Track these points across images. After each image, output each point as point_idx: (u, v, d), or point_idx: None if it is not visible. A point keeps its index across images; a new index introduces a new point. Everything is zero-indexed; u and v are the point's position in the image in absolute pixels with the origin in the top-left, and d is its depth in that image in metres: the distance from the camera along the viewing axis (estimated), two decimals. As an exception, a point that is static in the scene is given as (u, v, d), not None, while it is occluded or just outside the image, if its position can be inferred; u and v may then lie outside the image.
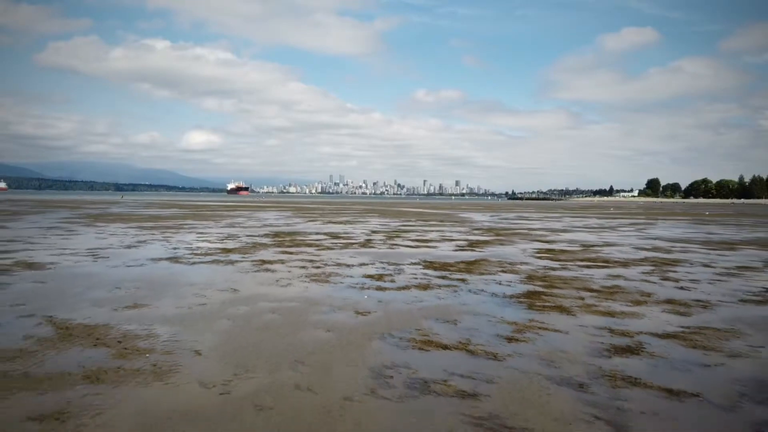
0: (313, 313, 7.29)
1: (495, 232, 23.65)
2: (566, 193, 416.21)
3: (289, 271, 11.00)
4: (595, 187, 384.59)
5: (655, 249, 17.08)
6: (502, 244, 17.91)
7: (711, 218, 44.02)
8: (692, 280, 10.67)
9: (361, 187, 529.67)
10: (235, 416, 3.98)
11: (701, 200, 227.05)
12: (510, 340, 6.16)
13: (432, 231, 23.95)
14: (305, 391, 4.47)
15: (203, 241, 17.57)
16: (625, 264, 13.14)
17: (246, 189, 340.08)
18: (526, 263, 12.97)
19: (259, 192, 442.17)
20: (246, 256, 13.58)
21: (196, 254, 13.82)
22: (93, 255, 13.42)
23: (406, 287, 9.38)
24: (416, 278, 10.41)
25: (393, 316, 7.20)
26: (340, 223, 29.29)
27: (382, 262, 12.67)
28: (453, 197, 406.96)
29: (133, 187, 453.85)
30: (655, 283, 10.31)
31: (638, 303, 8.34)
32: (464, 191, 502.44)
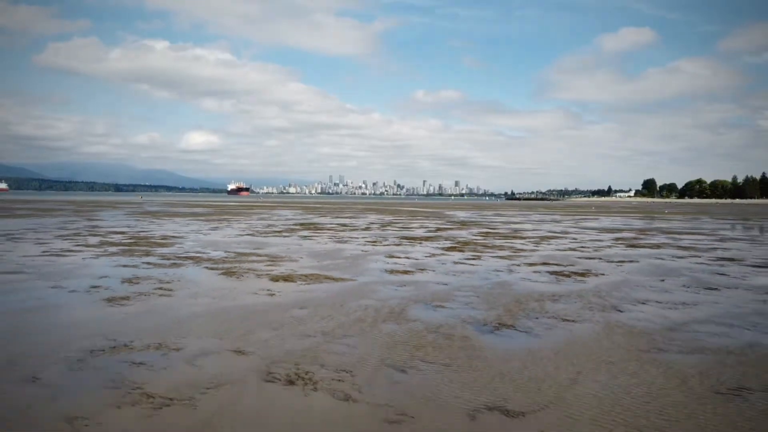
0: (342, 251, 16.05)
1: (461, 224, 32.42)
2: (565, 193, 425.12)
3: (323, 240, 19.78)
4: (595, 188, 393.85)
5: (560, 232, 25.84)
6: (459, 230, 26.69)
7: (652, 214, 52.77)
8: (548, 245, 19.40)
9: (360, 187, 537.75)
10: (326, 268, 12.71)
11: (696, 200, 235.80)
12: (428, 257, 14.92)
13: (415, 223, 32.72)
14: (348, 262, 13.22)
15: (255, 227, 26.32)
16: (524, 238, 21.90)
17: (247, 189, 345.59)
18: (464, 237, 21.74)
19: (258, 192, 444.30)
20: (291, 234, 22.34)
21: (260, 233, 22.56)
22: (198, 233, 22.16)
23: (387, 245, 18.15)
24: (394, 242, 19.19)
25: (378, 251, 15.97)
26: (345, 217, 38.05)
27: (375, 237, 21.43)
28: (452, 197, 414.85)
29: (134, 188, 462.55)
30: (524, 245, 19.06)
31: (501, 249, 17.10)
32: (464, 192, 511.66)
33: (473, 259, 14.59)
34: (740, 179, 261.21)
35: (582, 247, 18.47)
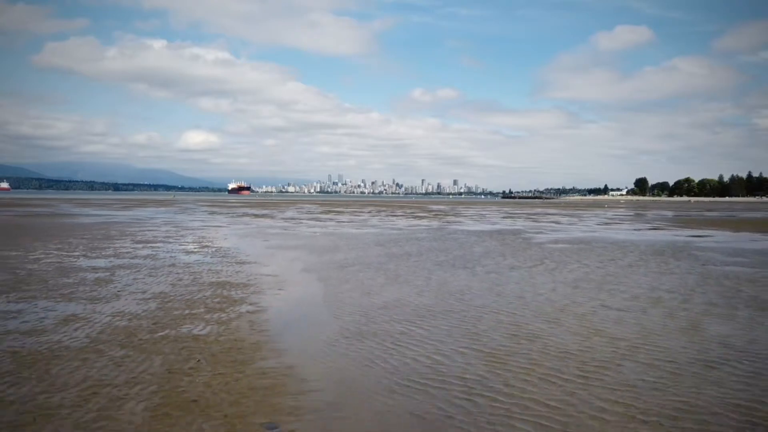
0: (358, 218, 35.68)
1: (434, 213, 52.00)
2: (563, 192, 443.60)
3: (346, 215, 39.45)
4: (593, 186, 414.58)
5: (483, 214, 45.41)
6: (422, 213, 46.26)
7: (590, 208, 72.32)
8: (460, 217, 39.00)
9: (359, 186, 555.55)
10: (353, 221, 32.31)
11: (684, 198, 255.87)
12: (397, 220, 34.58)
13: (399, 211, 52.38)
14: (361, 220, 32.84)
15: (304, 213, 45.87)
16: (454, 216, 41.50)
17: (248, 189, 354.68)
18: (420, 215, 41.37)
19: (257, 192, 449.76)
20: (329, 213, 41.95)
21: (312, 213, 42.08)
22: (283, 213, 41.71)
23: (380, 219, 37.83)
24: (385, 218, 38.88)
25: (375, 218, 35.63)
26: (354, 208, 57.66)
27: (373, 216, 41.08)
28: (450, 196, 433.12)
29: (133, 187, 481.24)
30: (449, 217, 38.67)
31: (432, 219, 36.74)
32: (462, 190, 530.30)
33: (416, 220, 34.24)
34: (722, 178, 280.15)
35: (481, 217, 38.12)
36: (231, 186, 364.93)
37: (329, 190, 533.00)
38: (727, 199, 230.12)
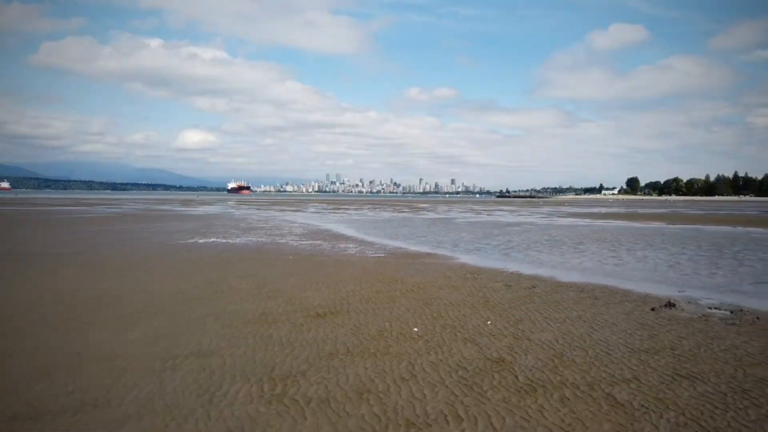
0: (359, 211, 56.48)
1: (416, 209, 72.77)
2: (559, 191, 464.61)
3: (351, 210, 60.29)
4: (589, 185, 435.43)
5: (456, 210, 66.25)
6: (405, 208, 67.11)
7: (556, 206, 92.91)
8: (431, 212, 59.84)
9: (357, 185, 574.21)
10: (355, 212, 53.09)
11: (673, 197, 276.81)
12: (384, 213, 55.44)
13: (390, 208, 73.17)
14: (360, 211, 53.65)
15: (319, 209, 66.64)
16: (426, 210, 62.34)
17: (248, 188, 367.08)
18: (401, 209, 62.25)
19: (255, 191, 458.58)
20: (338, 209, 62.81)
21: (324, 210, 62.87)
22: (303, 210, 62.46)
23: (375, 212, 58.69)
24: (377, 210, 59.76)
25: (369, 212, 56.47)
26: (355, 206, 78.38)
27: (370, 210, 61.92)
28: (447, 195, 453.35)
29: (132, 186, 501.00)
30: (422, 210, 59.50)
31: (408, 211, 57.59)
32: (459, 189, 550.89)
33: (397, 213, 55.09)
34: (708, 178, 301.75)
35: (445, 212, 58.97)
36: (231, 185, 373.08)
37: (327, 189, 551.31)
38: (705, 198, 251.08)
